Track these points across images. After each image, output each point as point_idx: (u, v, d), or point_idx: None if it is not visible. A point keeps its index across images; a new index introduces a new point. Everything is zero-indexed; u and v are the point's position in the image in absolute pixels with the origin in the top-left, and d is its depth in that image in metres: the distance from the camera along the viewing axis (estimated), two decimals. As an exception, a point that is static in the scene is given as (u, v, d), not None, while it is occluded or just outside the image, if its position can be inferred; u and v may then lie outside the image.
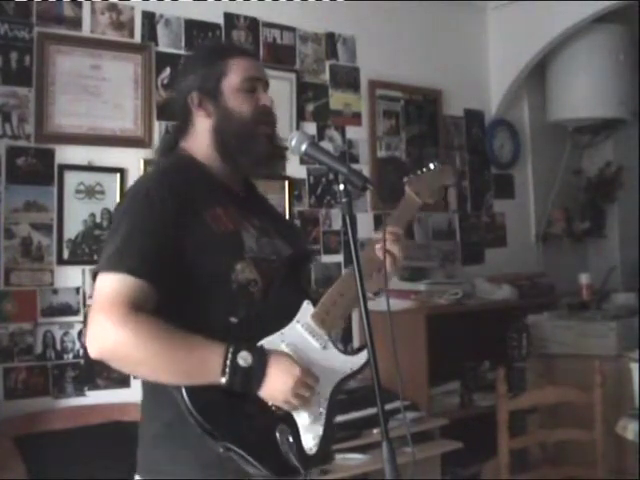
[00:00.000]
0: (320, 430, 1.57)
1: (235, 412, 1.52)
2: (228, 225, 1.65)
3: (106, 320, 1.48)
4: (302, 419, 1.57)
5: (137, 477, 1.65)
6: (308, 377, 1.54)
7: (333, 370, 1.62)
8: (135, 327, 1.47)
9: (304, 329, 1.63)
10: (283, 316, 1.63)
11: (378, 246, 1.69)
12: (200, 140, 1.74)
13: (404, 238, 1.76)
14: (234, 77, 1.72)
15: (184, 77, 1.78)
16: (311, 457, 1.56)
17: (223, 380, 1.48)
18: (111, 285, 1.51)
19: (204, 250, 1.60)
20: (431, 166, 1.90)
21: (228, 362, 1.48)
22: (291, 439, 1.54)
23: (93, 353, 1.50)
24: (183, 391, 1.49)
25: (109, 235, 1.66)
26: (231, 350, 1.49)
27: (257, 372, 1.50)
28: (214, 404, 1.50)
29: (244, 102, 1.71)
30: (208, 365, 1.48)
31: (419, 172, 1.88)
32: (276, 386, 1.51)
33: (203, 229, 1.61)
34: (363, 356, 1.64)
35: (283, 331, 1.61)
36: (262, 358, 1.51)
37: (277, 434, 1.54)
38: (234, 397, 1.51)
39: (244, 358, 1.49)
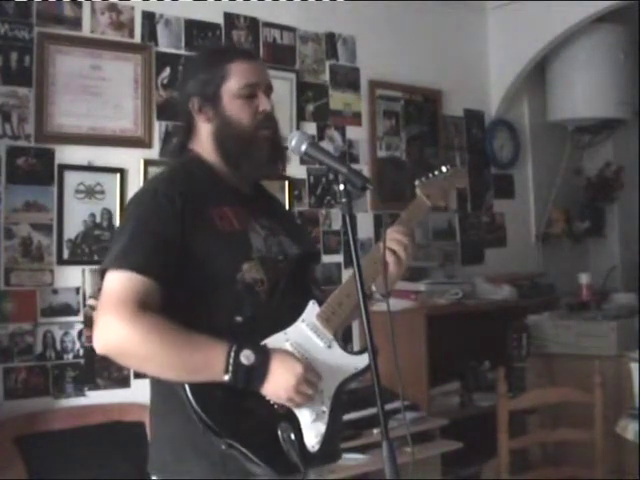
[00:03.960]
0: (323, 428, 1.58)
1: (237, 410, 1.53)
2: (235, 225, 1.67)
3: (115, 318, 1.51)
4: (304, 417, 1.57)
5: (153, 477, 1.67)
6: (310, 374, 1.55)
7: (337, 369, 1.63)
8: (143, 325, 1.50)
9: (309, 328, 1.63)
10: (289, 315, 1.64)
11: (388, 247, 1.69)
12: (204, 143, 1.76)
13: (413, 240, 1.75)
14: (233, 83, 1.72)
15: (185, 81, 1.80)
16: (314, 455, 1.57)
17: (226, 377, 1.50)
18: (119, 283, 1.54)
19: (211, 250, 1.62)
20: (443, 169, 1.89)
21: (231, 360, 1.50)
22: (293, 437, 1.54)
23: (100, 349, 1.54)
24: (187, 389, 1.51)
25: (117, 233, 1.71)
26: (234, 349, 1.50)
27: (259, 370, 1.51)
28: (217, 402, 1.51)
29: (243, 109, 1.72)
30: (212, 363, 1.50)
31: (431, 175, 1.87)
32: (279, 384, 1.52)
33: (210, 229, 1.63)
34: (367, 356, 1.64)
35: (287, 330, 1.62)
36: (264, 356, 1.53)
37: (279, 432, 1.54)
38: (237, 395, 1.52)
39: (247, 356, 1.51)
